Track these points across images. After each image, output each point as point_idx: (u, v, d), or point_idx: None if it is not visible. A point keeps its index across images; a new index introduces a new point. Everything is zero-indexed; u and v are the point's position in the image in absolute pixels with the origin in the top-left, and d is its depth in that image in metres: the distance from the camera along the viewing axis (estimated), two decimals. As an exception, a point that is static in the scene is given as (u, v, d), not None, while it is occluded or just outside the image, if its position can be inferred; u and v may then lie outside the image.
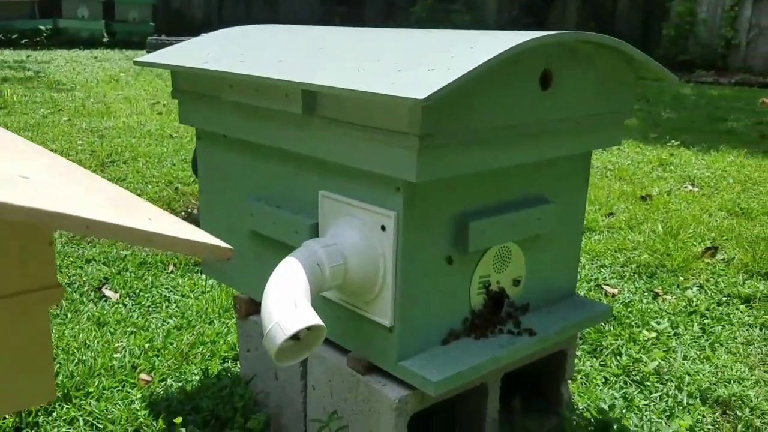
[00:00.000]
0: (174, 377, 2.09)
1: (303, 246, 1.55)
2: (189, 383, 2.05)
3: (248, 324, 1.95)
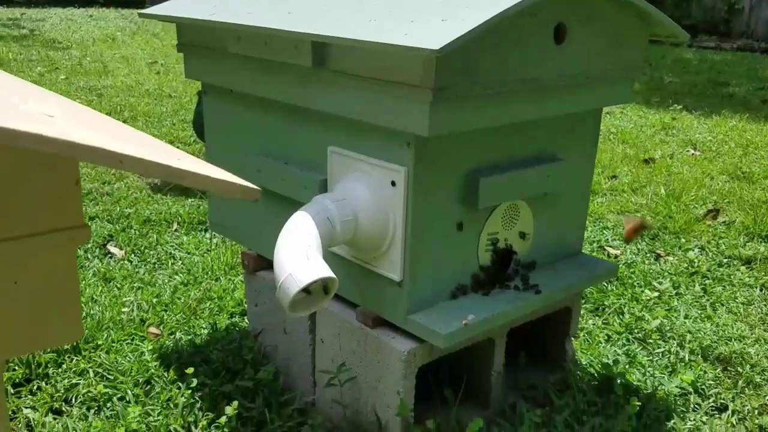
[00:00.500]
0: (183, 331, 2.11)
1: (313, 201, 1.55)
2: (198, 336, 2.07)
3: (256, 279, 1.96)
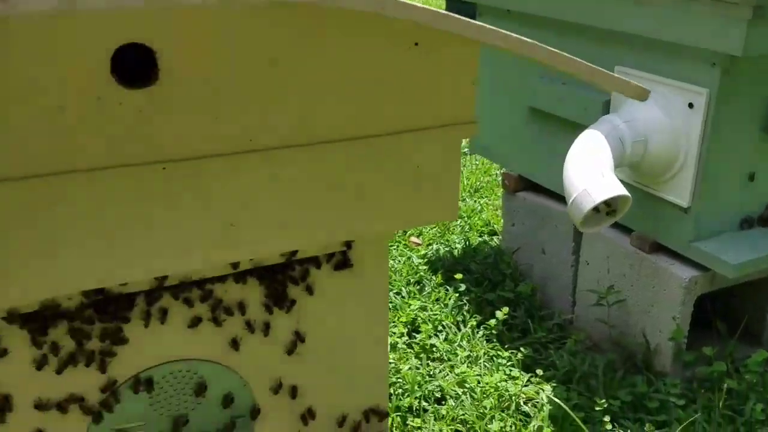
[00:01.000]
0: (440, 243, 2.25)
1: (603, 120, 1.56)
2: (455, 249, 2.20)
3: (515, 200, 2.02)
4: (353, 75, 0.83)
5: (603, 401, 1.56)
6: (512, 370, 1.70)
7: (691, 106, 1.46)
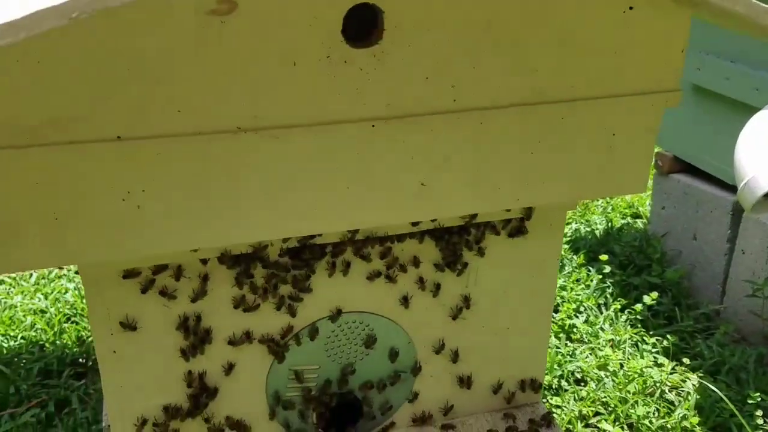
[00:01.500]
0: (581, 222, 2.21)
1: (781, 102, 1.47)
2: (596, 231, 2.16)
3: (668, 181, 1.95)
4: (565, 36, 0.84)
5: (757, 394, 1.50)
6: (657, 357, 1.66)
7: None
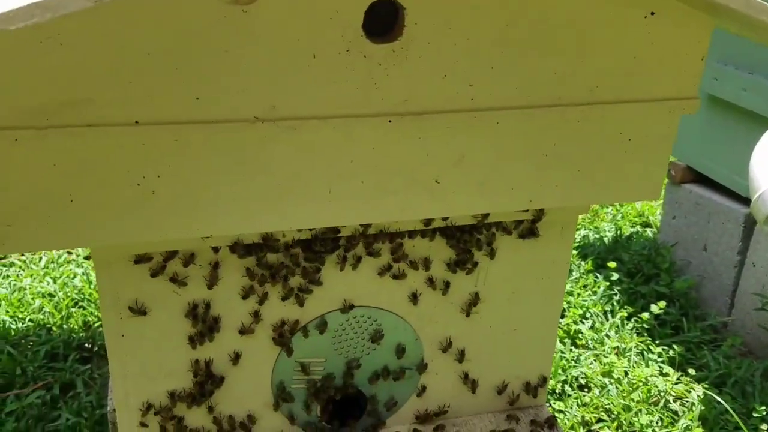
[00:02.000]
0: (590, 229, 2.21)
1: (798, 115, 1.46)
2: (605, 238, 2.16)
3: (680, 191, 1.94)
4: (585, 40, 0.84)
5: (762, 408, 1.49)
6: (663, 366, 1.66)
7: None
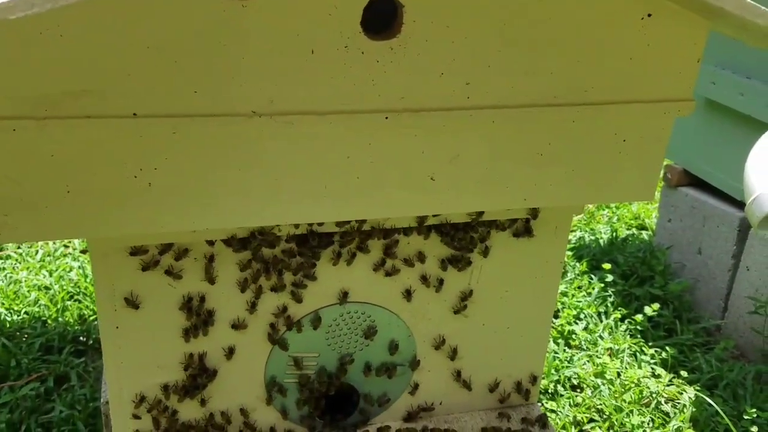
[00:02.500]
0: (586, 231, 2.22)
1: (794, 120, 1.47)
2: (600, 240, 2.16)
3: (675, 194, 1.95)
4: (582, 40, 0.84)
5: (753, 411, 1.50)
6: (655, 368, 1.67)
7: None
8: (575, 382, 1.63)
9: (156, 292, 0.96)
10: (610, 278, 1.90)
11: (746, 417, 1.49)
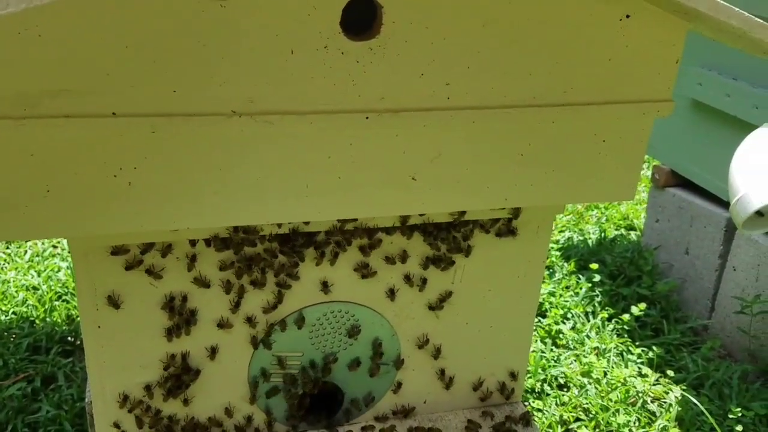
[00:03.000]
0: (575, 231, 2.23)
1: (778, 120, 1.48)
2: (588, 240, 2.17)
3: (664, 195, 1.96)
4: (561, 41, 0.85)
5: (738, 410, 1.51)
6: (642, 368, 1.67)
7: None
8: (562, 382, 1.64)
9: (138, 292, 0.96)
10: (598, 278, 1.91)
11: (731, 416, 1.50)
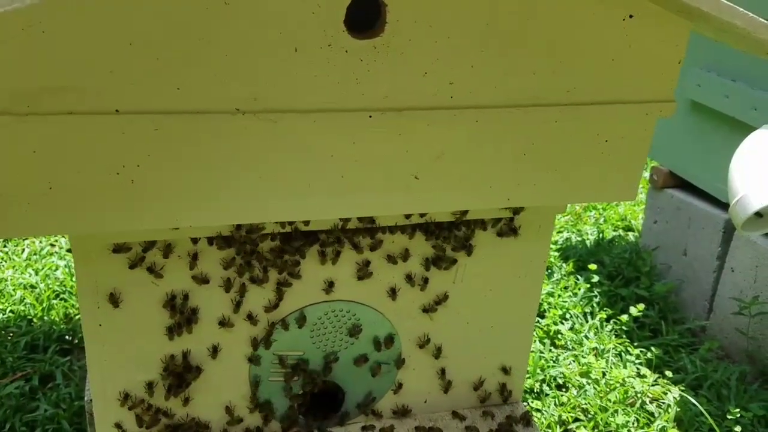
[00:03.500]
0: (573, 232, 2.23)
1: (777, 122, 1.48)
2: (587, 241, 2.18)
3: (662, 196, 1.96)
4: (564, 41, 0.85)
5: (736, 410, 1.51)
6: (640, 368, 1.68)
7: None
8: (561, 382, 1.64)
9: (139, 290, 0.96)
10: (596, 279, 1.91)
11: (730, 417, 1.50)
